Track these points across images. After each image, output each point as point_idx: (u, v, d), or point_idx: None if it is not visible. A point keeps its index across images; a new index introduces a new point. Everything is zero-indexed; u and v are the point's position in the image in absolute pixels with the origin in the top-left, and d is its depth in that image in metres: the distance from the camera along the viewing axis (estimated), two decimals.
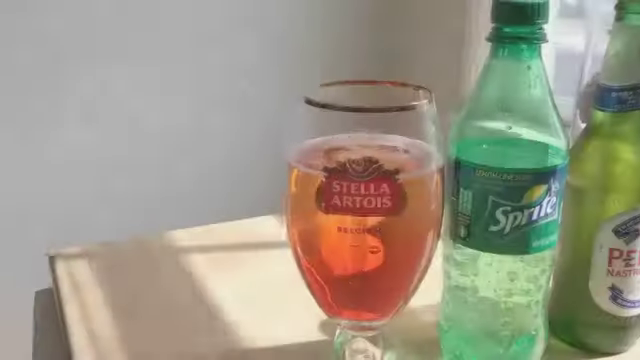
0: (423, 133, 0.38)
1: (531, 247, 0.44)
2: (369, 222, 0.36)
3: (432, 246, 0.40)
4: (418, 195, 0.37)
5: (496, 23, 0.43)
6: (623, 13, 0.47)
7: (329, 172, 0.35)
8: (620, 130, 0.48)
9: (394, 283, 0.39)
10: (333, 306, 0.40)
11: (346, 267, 0.38)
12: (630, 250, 0.49)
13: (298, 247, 0.39)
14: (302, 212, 0.38)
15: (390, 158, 0.37)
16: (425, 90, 0.39)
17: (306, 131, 0.38)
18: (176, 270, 0.64)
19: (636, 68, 0.46)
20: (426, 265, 0.40)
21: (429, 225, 0.39)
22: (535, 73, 0.43)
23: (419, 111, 0.37)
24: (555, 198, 0.44)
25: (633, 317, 0.51)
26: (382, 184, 0.35)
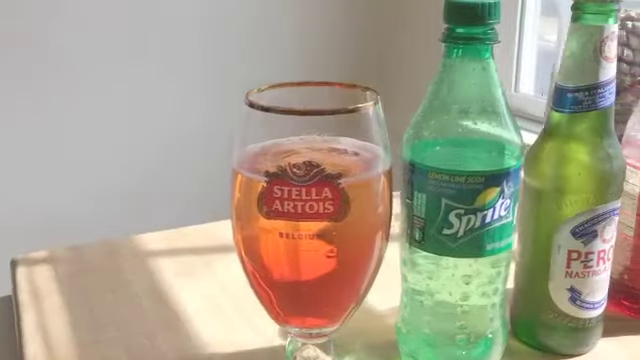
0: (370, 135, 0.38)
1: (485, 250, 0.44)
2: (312, 227, 0.36)
3: (381, 249, 0.40)
4: (363, 199, 0.37)
5: (448, 24, 0.42)
6: (579, 13, 0.46)
7: (270, 177, 0.35)
8: (576, 131, 0.48)
9: (341, 288, 0.39)
10: (280, 313, 0.40)
11: (290, 274, 0.38)
12: (588, 252, 0.49)
13: (243, 253, 0.39)
14: (245, 218, 0.38)
15: (336, 161, 0.36)
16: (372, 92, 0.38)
17: (254, 134, 0.38)
18: (143, 274, 0.63)
19: (591, 69, 0.46)
20: (376, 268, 0.40)
21: (376, 228, 0.39)
22: (488, 73, 0.43)
23: (364, 113, 0.37)
24: (509, 200, 0.44)
25: (593, 319, 0.51)
26: (324, 188, 0.35)
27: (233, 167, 0.38)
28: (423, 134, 0.44)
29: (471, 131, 0.43)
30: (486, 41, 0.42)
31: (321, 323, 0.40)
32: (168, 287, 0.61)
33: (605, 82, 0.46)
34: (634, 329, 0.55)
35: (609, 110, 0.47)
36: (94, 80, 1.43)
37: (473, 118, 0.43)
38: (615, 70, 0.47)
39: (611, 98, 0.47)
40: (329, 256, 0.36)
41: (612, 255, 0.50)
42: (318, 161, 0.35)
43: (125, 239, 0.70)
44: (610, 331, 0.54)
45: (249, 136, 0.38)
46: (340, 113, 0.36)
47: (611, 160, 0.48)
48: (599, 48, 0.46)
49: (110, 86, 1.45)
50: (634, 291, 0.56)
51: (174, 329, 0.55)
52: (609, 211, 0.48)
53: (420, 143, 0.44)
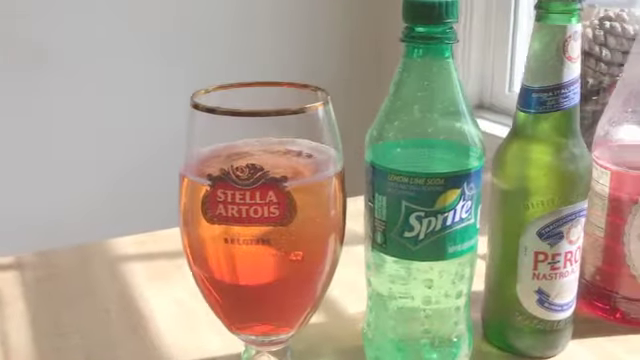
0: (320, 136, 0.37)
1: (447, 253, 0.43)
2: (257, 232, 0.35)
3: (335, 252, 0.39)
4: (312, 202, 0.36)
5: (406, 23, 0.42)
6: (542, 13, 0.46)
7: (213, 180, 0.34)
8: (540, 131, 0.47)
9: (293, 294, 0.38)
10: (231, 321, 0.39)
11: (238, 281, 0.37)
12: (555, 253, 0.48)
13: (191, 259, 0.38)
14: (191, 223, 0.37)
15: (288, 164, 0.36)
16: (323, 92, 0.38)
17: (201, 137, 0.37)
18: (113, 280, 0.63)
19: (555, 69, 0.45)
20: (330, 272, 0.39)
21: (328, 231, 0.38)
22: (448, 73, 0.42)
23: (313, 114, 0.36)
24: (471, 202, 0.43)
25: (562, 321, 0.50)
26: (268, 192, 0.34)
27: (179, 171, 0.37)
28: (384, 135, 0.43)
29: (431, 132, 0.42)
30: (445, 40, 0.42)
31: (274, 330, 0.39)
32: (138, 293, 0.60)
33: (569, 82, 0.46)
34: (605, 331, 0.55)
35: (574, 110, 0.47)
36: (72, 81, 1.42)
37: (433, 119, 0.42)
38: (579, 70, 0.46)
39: (575, 98, 0.46)
40: (278, 262, 0.36)
41: (580, 256, 0.50)
42: (262, 164, 0.34)
43: (96, 244, 0.69)
44: (581, 333, 0.54)
45: (196, 138, 0.37)
46: (285, 114, 0.35)
47: (576, 160, 0.47)
48: (562, 48, 0.45)
49: (88, 87, 1.44)
50: (606, 292, 0.55)
51: (140, 336, 0.54)
52: (575, 212, 0.48)
53: (381, 144, 0.43)
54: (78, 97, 1.44)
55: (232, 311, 0.39)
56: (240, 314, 0.39)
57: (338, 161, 0.38)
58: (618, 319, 0.55)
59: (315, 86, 0.38)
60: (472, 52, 1.43)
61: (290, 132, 0.37)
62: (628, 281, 0.54)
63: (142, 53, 1.47)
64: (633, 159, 0.53)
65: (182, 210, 0.37)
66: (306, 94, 0.38)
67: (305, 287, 0.38)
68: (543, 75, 0.46)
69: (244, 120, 0.35)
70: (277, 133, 0.37)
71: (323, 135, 0.37)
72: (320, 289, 0.39)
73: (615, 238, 0.54)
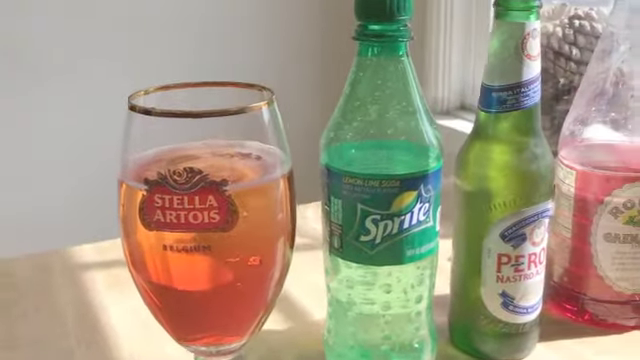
0: (265, 137, 0.36)
1: (405, 257, 0.42)
2: (197, 238, 0.33)
3: (285, 256, 0.38)
4: (256, 206, 0.35)
5: (359, 21, 0.41)
6: (500, 10, 0.45)
7: (150, 185, 0.33)
8: (501, 131, 0.46)
9: (240, 302, 0.36)
10: (178, 332, 0.38)
11: (179, 289, 0.36)
12: (518, 255, 0.47)
13: (132, 268, 0.37)
14: (130, 230, 0.36)
15: (232, 167, 0.35)
16: (268, 91, 0.37)
17: (141, 140, 0.35)
18: (71, 289, 0.61)
19: (514, 67, 0.45)
20: (280, 277, 0.38)
21: (275, 236, 0.37)
22: (403, 72, 0.41)
23: (257, 114, 0.35)
24: (428, 204, 0.42)
25: (527, 323, 0.49)
26: (208, 196, 0.33)
27: (117, 176, 0.36)
28: (338, 137, 0.42)
29: (387, 133, 0.41)
30: (399, 38, 0.40)
31: (223, 340, 0.38)
32: (97, 302, 0.59)
33: (529, 80, 0.45)
34: (574, 332, 0.54)
35: (535, 109, 0.46)
36: (30, 83, 1.40)
37: (388, 119, 0.41)
38: (539, 68, 0.45)
39: (536, 97, 0.46)
40: (221, 269, 0.34)
41: (545, 258, 0.49)
42: (204, 167, 0.32)
43: (55, 251, 0.67)
44: (549, 335, 0.53)
45: (134, 142, 0.35)
46: (226, 115, 0.34)
47: (538, 160, 0.46)
48: (521, 46, 0.44)
49: (49, 90, 1.42)
50: (574, 293, 0.55)
51: (96, 346, 0.52)
52: (538, 213, 0.47)
53: (335, 146, 0.42)
54: (38, 99, 1.42)
55: (177, 322, 0.37)
56: (185, 325, 0.37)
57: (285, 163, 0.37)
58: (587, 321, 0.54)
59: (261, 86, 0.37)
60: (453, 53, 1.42)
61: (235, 133, 0.36)
62: (596, 282, 0.53)
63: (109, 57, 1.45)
64: (598, 158, 0.52)
65: (121, 217, 0.36)
66: (252, 94, 0.37)
67: (253, 294, 0.37)
68: (503, 74, 0.45)
69: (186, 122, 0.34)
70: (223, 135, 0.36)
71: (269, 136, 0.36)
72: (271, 295, 0.38)
73: (582, 239, 0.53)
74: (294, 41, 1.59)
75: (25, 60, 1.39)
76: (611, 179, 0.51)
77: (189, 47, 1.50)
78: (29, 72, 1.40)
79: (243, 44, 1.54)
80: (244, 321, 0.38)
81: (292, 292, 0.60)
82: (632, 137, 0.51)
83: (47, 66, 1.41)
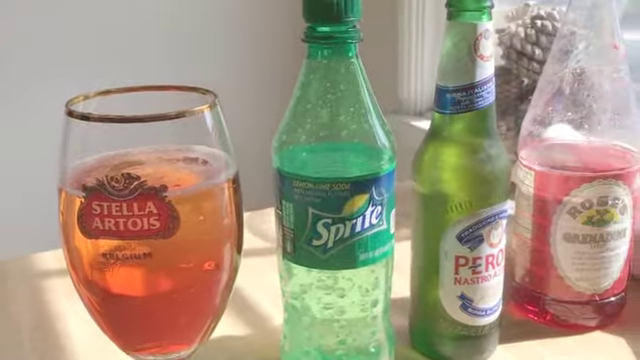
0: (208, 140, 0.35)
1: (358, 260, 0.42)
2: (138, 246, 0.33)
3: (232, 262, 0.37)
4: (199, 211, 0.34)
5: (307, 22, 0.40)
6: (453, 11, 0.45)
7: (88, 192, 0.32)
8: (456, 132, 0.46)
9: (186, 309, 0.36)
10: (124, 342, 0.37)
11: (121, 298, 0.35)
12: (476, 257, 0.47)
13: (74, 277, 0.36)
14: (69, 238, 0.35)
15: (174, 172, 0.34)
16: (211, 94, 0.36)
17: (81, 145, 0.35)
18: (29, 297, 0.60)
19: (467, 68, 0.44)
20: (228, 282, 0.37)
21: (220, 241, 0.36)
22: (353, 74, 0.41)
23: (198, 117, 0.34)
24: (381, 207, 0.42)
25: (487, 326, 0.49)
26: (147, 203, 0.32)
27: (57, 184, 0.35)
28: (289, 141, 0.42)
29: (337, 136, 0.41)
30: (348, 40, 0.40)
31: (171, 348, 0.37)
32: (54, 310, 0.58)
33: (482, 81, 0.45)
34: (536, 334, 0.54)
35: (489, 110, 0.46)
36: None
37: (339, 122, 0.41)
38: (492, 69, 0.45)
39: (489, 98, 0.45)
40: (163, 276, 0.34)
41: (503, 259, 0.49)
42: (145, 173, 0.32)
43: (14, 259, 0.66)
44: (511, 337, 0.53)
45: (75, 148, 0.34)
46: (166, 119, 0.33)
47: (492, 161, 0.46)
48: (473, 46, 0.44)
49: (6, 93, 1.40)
50: (535, 294, 0.54)
51: (50, 356, 0.51)
52: (494, 214, 0.46)
53: (286, 150, 0.42)
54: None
55: (121, 331, 0.36)
56: (130, 334, 0.37)
57: (230, 167, 0.36)
58: (549, 321, 0.54)
59: (204, 89, 0.36)
60: (425, 54, 1.42)
61: (178, 138, 0.35)
62: (556, 283, 0.53)
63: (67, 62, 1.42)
64: (556, 159, 0.52)
65: (61, 224, 0.35)
66: (196, 98, 0.36)
67: (199, 300, 0.36)
68: (456, 75, 0.45)
69: (127, 127, 0.33)
70: (166, 140, 0.35)
71: (213, 140, 0.35)
72: (219, 300, 0.37)
73: (542, 239, 0.53)
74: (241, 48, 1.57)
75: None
76: (569, 179, 0.51)
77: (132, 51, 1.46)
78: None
79: (195, 51, 1.52)
80: (191, 328, 0.37)
81: (254, 297, 0.59)
82: (590, 137, 0.51)
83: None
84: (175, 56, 1.50)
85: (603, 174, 0.50)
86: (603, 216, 0.51)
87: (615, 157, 0.51)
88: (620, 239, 0.52)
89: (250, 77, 1.59)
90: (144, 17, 1.48)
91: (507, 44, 0.73)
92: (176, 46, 1.51)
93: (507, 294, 0.57)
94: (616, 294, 0.54)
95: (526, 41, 0.72)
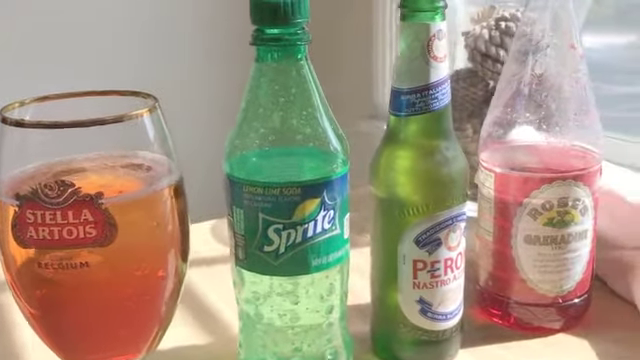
0: (149, 145, 0.34)
1: (311, 266, 0.41)
2: (73, 255, 0.32)
3: (177, 268, 0.36)
4: (139, 218, 0.33)
5: (255, 25, 0.39)
6: (405, 12, 0.44)
7: (21, 200, 0.31)
8: (411, 135, 0.45)
9: (128, 319, 0.35)
10: (66, 353, 0.36)
11: (59, 309, 0.34)
12: (434, 261, 0.46)
13: (12, 288, 0.35)
14: (5, 248, 0.34)
15: (113, 179, 0.33)
16: (152, 98, 0.35)
17: (18, 153, 0.33)
18: None
19: (421, 69, 0.44)
20: (174, 290, 0.36)
21: (163, 248, 0.35)
22: (303, 76, 0.40)
23: (138, 122, 0.33)
24: (333, 212, 0.41)
25: (447, 330, 0.48)
26: (82, 210, 0.31)
27: None
28: (239, 145, 0.41)
29: (287, 139, 0.40)
30: (297, 41, 0.39)
31: (115, 359, 0.36)
32: (10, 320, 0.56)
33: (437, 83, 0.44)
34: (500, 337, 0.53)
35: (444, 111, 0.45)
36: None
37: (289, 125, 0.40)
38: (447, 70, 0.45)
39: (445, 99, 0.45)
40: (102, 285, 0.33)
41: (462, 263, 0.48)
42: (78, 180, 0.31)
43: None
44: (474, 341, 0.52)
45: (11, 155, 0.33)
46: (103, 124, 0.32)
47: (449, 164, 0.45)
48: (427, 47, 0.43)
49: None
50: (498, 297, 0.54)
51: None
52: (452, 217, 0.46)
53: (236, 155, 0.41)
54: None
55: (61, 343, 0.35)
56: (70, 345, 0.35)
57: (173, 172, 0.36)
58: (512, 325, 0.54)
59: (145, 93, 0.36)
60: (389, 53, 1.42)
61: (119, 143, 0.34)
62: (519, 285, 0.53)
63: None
64: (516, 160, 0.51)
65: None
66: (137, 102, 0.35)
67: (143, 309, 0.35)
68: (410, 76, 0.44)
69: (65, 133, 0.32)
70: (109, 145, 0.34)
71: (153, 144, 0.34)
72: (164, 310, 0.36)
73: (503, 242, 0.52)
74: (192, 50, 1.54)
75: None
76: (529, 180, 0.50)
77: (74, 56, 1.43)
78: None
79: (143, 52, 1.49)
80: (135, 338, 0.36)
81: (216, 305, 0.58)
82: (549, 138, 0.51)
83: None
84: (124, 60, 1.47)
85: (563, 175, 0.50)
86: (564, 217, 0.50)
87: (575, 158, 0.51)
88: (581, 240, 0.52)
89: (201, 82, 1.56)
90: (90, 20, 1.44)
91: (472, 46, 0.73)
92: (126, 50, 1.47)
93: (471, 298, 0.56)
94: (579, 296, 0.53)
95: (490, 43, 0.71)
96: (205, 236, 0.72)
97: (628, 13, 1.12)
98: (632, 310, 0.54)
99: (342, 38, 1.47)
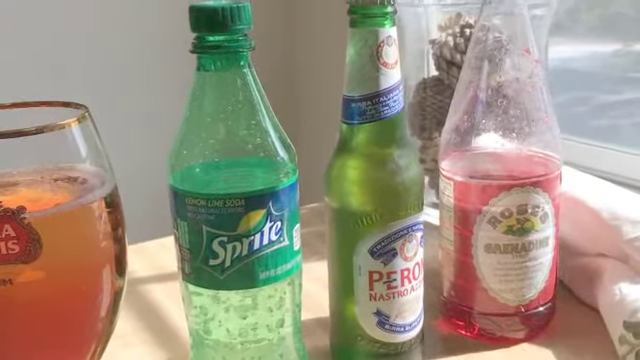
0: (79, 157, 0.33)
1: (258, 280, 0.40)
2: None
3: (111, 284, 0.35)
4: (67, 233, 0.32)
5: (194, 32, 0.38)
6: (354, 18, 0.43)
7: None
8: (364, 143, 0.44)
9: (61, 337, 0.33)
10: None
11: None
12: (390, 271, 0.45)
13: None
14: None
15: (42, 193, 0.32)
16: (83, 108, 0.34)
17: None
18: None
19: (371, 76, 0.43)
20: (110, 305, 0.35)
21: (94, 263, 0.34)
22: (246, 84, 0.39)
23: (66, 132, 0.32)
24: (281, 223, 0.40)
25: (406, 342, 0.47)
26: (3, 225, 0.30)
27: None
28: (182, 156, 0.40)
29: (231, 149, 0.39)
30: (239, 49, 0.38)
31: None
32: None
33: (387, 90, 0.43)
34: (464, 348, 0.52)
35: (397, 119, 0.44)
36: None
37: (233, 134, 0.39)
38: (399, 77, 0.44)
39: (397, 106, 0.44)
40: (29, 303, 0.31)
41: (420, 273, 0.47)
42: (5, 193, 0.30)
43: None
44: (437, 352, 0.51)
45: None
46: (24, 135, 0.31)
47: (402, 172, 0.44)
48: (376, 54, 0.43)
49: None
50: (461, 307, 0.53)
51: None
52: (407, 227, 0.45)
53: (179, 166, 0.40)
54: None
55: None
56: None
57: (107, 184, 0.34)
58: (477, 335, 0.53)
59: (76, 103, 0.34)
60: None
61: (47, 155, 0.33)
62: (481, 295, 0.52)
63: None
64: (474, 168, 0.51)
65: None
66: (69, 113, 0.34)
67: (76, 326, 0.34)
68: (360, 83, 0.43)
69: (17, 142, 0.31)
70: (39, 156, 0.33)
71: (83, 156, 0.33)
72: (101, 325, 0.35)
73: (464, 251, 0.51)
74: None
75: None
76: (487, 188, 0.49)
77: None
78: None
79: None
80: (71, 357, 0.35)
81: (177, 322, 0.57)
82: (506, 144, 0.50)
83: None
84: (60, 71, 1.42)
85: (521, 182, 0.49)
86: (523, 225, 0.50)
87: (533, 164, 0.50)
88: (542, 248, 0.51)
89: (140, 92, 1.51)
90: (25, 29, 1.40)
91: (437, 54, 0.72)
92: (64, 60, 1.43)
93: (436, 308, 0.55)
94: (543, 304, 0.52)
95: (455, 50, 0.71)
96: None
97: (614, 21, 1.12)
98: (597, 317, 0.53)
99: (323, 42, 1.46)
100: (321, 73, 1.42)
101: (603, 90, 1.09)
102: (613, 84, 1.10)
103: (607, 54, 1.11)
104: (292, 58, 1.62)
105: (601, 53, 1.12)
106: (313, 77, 1.57)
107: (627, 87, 1.09)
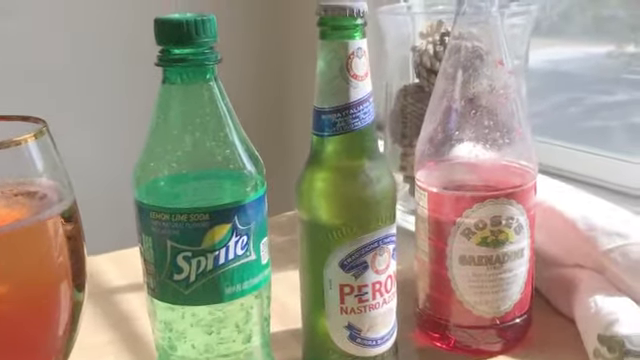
0: (36, 171, 0.33)
1: (224, 295, 0.39)
2: None
3: (69, 299, 0.34)
4: (18, 250, 0.31)
5: (159, 45, 0.38)
6: (324, 30, 0.43)
7: None
8: (334, 155, 0.44)
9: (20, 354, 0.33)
10: None
11: None
12: (361, 285, 0.45)
13: None
14: None
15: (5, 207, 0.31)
16: (42, 122, 0.33)
17: None
18: None
19: (341, 88, 0.42)
20: (68, 321, 0.34)
21: (50, 278, 0.33)
22: (212, 97, 0.39)
23: (22, 148, 0.32)
24: (247, 237, 0.39)
25: (378, 356, 0.47)
26: None
27: None
28: (147, 170, 0.39)
29: (197, 163, 0.39)
30: (204, 62, 0.38)
31: None
32: None
33: (357, 102, 0.43)
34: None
35: (367, 130, 0.44)
36: None
37: (199, 148, 0.39)
38: (369, 89, 0.43)
39: (367, 118, 0.44)
40: None
41: (393, 286, 0.47)
42: None
43: None
44: None
45: None
46: None
47: (372, 184, 0.44)
48: (346, 66, 0.42)
49: None
50: (437, 320, 0.53)
51: None
52: (378, 240, 0.44)
53: (145, 180, 0.39)
54: None
55: None
56: None
57: (64, 200, 0.34)
58: (453, 348, 0.52)
59: (36, 117, 0.34)
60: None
61: (7, 170, 0.32)
62: (456, 307, 0.51)
63: None
64: (448, 179, 0.50)
65: None
66: (29, 127, 0.34)
67: (33, 344, 0.33)
68: (330, 95, 0.43)
69: None
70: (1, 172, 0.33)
71: (41, 170, 0.33)
72: (60, 343, 0.34)
73: (439, 263, 0.51)
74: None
75: None
76: (461, 199, 0.49)
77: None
78: None
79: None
80: None
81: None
82: (481, 155, 0.50)
83: None
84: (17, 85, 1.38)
85: (495, 193, 0.49)
86: (498, 236, 0.49)
87: (507, 175, 0.50)
88: (517, 259, 0.50)
89: (108, 104, 1.47)
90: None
91: (418, 61, 0.72)
92: (19, 74, 1.39)
93: (412, 320, 0.55)
94: (518, 316, 0.52)
95: (435, 58, 0.70)
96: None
97: (606, 23, 1.12)
98: (574, 328, 0.53)
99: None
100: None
101: (595, 91, 1.09)
102: (605, 86, 1.10)
103: (600, 56, 1.11)
104: (280, 61, 1.61)
105: (594, 55, 1.12)
106: (302, 85, 1.57)
107: (620, 88, 1.09)
